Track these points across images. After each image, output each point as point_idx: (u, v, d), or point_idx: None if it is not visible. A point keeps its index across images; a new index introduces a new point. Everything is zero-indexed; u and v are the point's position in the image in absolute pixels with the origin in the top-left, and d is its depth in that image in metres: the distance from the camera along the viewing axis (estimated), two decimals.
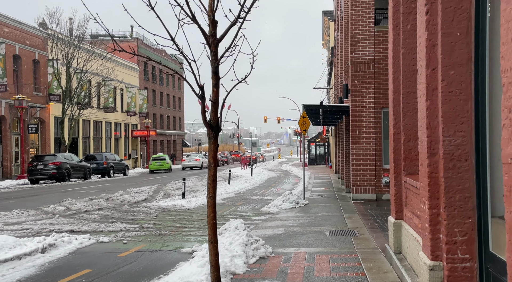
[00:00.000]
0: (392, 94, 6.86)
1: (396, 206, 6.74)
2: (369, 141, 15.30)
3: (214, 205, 5.37)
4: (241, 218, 12.34)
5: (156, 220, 12.03)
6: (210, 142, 5.42)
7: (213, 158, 5.37)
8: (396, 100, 6.77)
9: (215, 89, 5.39)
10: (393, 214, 6.93)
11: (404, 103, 6.50)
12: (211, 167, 5.38)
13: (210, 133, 5.39)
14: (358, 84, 15.29)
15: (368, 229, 9.95)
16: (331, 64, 38.94)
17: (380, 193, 15.36)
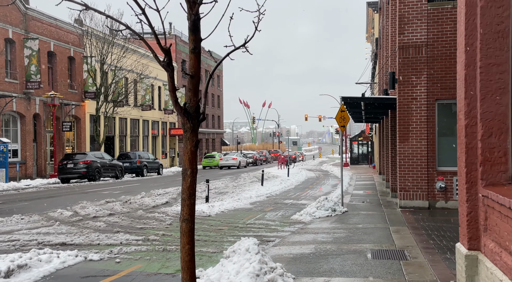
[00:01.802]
0: (463, 69, 4.81)
1: (469, 231, 4.68)
2: (420, 138, 13.07)
3: (191, 233, 3.56)
4: (267, 228, 10.53)
5: (167, 230, 10.36)
6: (185, 136, 3.60)
7: (190, 160, 3.55)
8: (469, 78, 4.72)
9: (193, 55, 3.57)
10: (463, 241, 4.87)
11: (483, 81, 4.46)
12: (187, 174, 3.57)
13: (186, 123, 3.58)
14: (407, 72, 13.08)
15: (422, 250, 7.85)
16: (375, 57, 36.39)
17: (433, 200, 13.09)
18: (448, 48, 12.83)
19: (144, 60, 40.72)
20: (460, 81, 4.93)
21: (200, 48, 3.69)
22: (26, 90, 29.68)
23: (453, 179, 12.93)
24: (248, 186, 22.41)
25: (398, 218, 11.61)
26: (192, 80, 3.56)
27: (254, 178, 27.73)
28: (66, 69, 34.54)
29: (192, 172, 3.51)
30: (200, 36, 3.66)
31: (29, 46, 29.38)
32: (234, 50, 4.07)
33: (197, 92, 3.60)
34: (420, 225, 10.53)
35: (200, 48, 3.70)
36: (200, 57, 3.69)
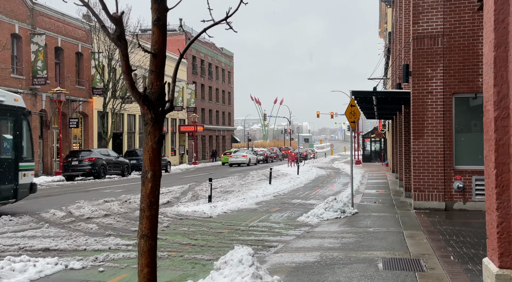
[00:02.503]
0: (492, 51, 4.00)
1: (500, 245, 3.88)
2: (436, 134, 12.20)
3: (151, 253, 2.83)
4: (270, 232, 9.78)
5: (162, 233, 9.67)
6: (146, 130, 2.87)
7: (151, 160, 2.81)
8: (500, 61, 3.91)
9: (156, 28, 2.84)
10: (493, 257, 4.07)
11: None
12: (146, 178, 2.85)
13: (147, 113, 2.85)
14: (421, 64, 12.20)
15: (440, 259, 7.04)
16: (388, 52, 35.36)
17: (451, 201, 12.22)
18: (466, 38, 11.92)
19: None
20: (487, 65, 4.12)
21: (165, 20, 2.95)
22: (33, 86, 29.27)
23: (472, 178, 12.05)
24: (255, 185, 21.68)
25: (413, 221, 10.78)
26: (155, 59, 2.83)
27: (263, 176, 26.98)
28: (73, 65, 34.12)
29: (153, 175, 2.78)
30: (166, 4, 2.93)
31: (36, 41, 28.95)
32: (213, 25, 3.33)
33: (161, 74, 2.87)
34: (437, 228, 9.69)
35: (166, 20, 2.97)
36: (165, 31, 2.95)
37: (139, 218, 2.92)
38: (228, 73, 71.94)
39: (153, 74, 2.84)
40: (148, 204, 2.80)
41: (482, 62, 11.83)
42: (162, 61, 2.86)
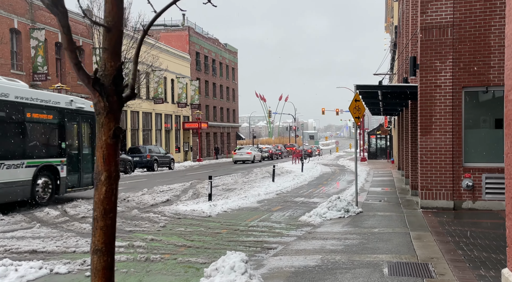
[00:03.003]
0: None
1: None
2: (444, 130, 11.69)
3: (106, 272, 2.37)
4: (270, 232, 9.34)
5: (158, 233, 9.25)
6: (98, 121, 2.41)
7: (105, 159, 2.35)
8: None
9: None
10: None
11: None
12: (100, 180, 2.37)
13: (99, 101, 2.39)
14: (430, 56, 11.69)
15: (450, 263, 6.57)
16: (394, 46, 34.72)
17: (459, 200, 11.72)
18: (477, 28, 11.39)
19: (154, 51, 39.66)
20: (510, 48, 3.64)
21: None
22: (33, 83, 28.90)
23: (482, 176, 11.55)
24: (258, 182, 21.24)
25: (420, 221, 10.30)
26: (109, 34, 2.38)
27: (267, 173, 26.56)
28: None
29: (108, 177, 2.33)
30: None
31: (36, 36, 28.59)
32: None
33: (117, 53, 2.41)
34: (445, 229, 9.21)
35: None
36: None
37: (92, 229, 2.48)
38: (232, 69, 71.43)
39: (106, 53, 2.40)
40: (102, 212, 2.35)
41: (494, 54, 11.33)
42: (118, 36, 2.41)
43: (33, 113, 13.11)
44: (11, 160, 12.01)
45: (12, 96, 12.29)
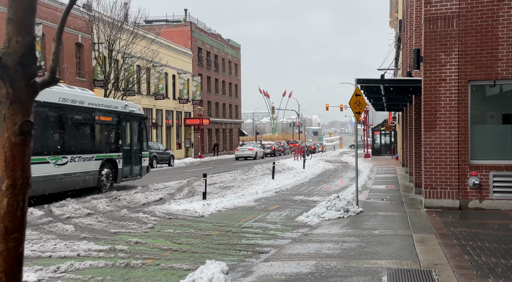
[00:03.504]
0: None
1: None
2: (449, 126, 11.09)
3: None
4: (264, 234, 8.81)
5: (144, 235, 8.74)
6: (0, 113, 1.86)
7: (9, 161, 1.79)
8: None
9: None
10: None
11: None
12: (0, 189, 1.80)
13: (1, 87, 1.83)
14: (434, 48, 11.08)
15: (455, 270, 6.01)
16: (399, 41, 34.03)
17: (465, 199, 11.13)
18: (485, 19, 10.77)
19: (154, 46, 39.14)
20: None
21: None
22: None
23: (489, 174, 10.96)
24: (258, 180, 20.70)
25: (423, 222, 9.73)
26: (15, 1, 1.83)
27: (267, 170, 26.00)
28: (73, 56, 33.27)
29: (12, 186, 1.78)
30: None
31: None
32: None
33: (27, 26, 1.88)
34: (451, 231, 8.64)
35: None
36: None
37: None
38: (235, 65, 70.81)
39: (11, 25, 1.87)
40: (3, 231, 1.80)
41: (502, 46, 10.69)
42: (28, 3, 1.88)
43: (100, 116, 16.17)
44: (86, 154, 15.16)
45: (86, 103, 15.43)
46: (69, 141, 14.55)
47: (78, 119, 15.19)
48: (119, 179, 17.08)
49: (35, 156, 12.93)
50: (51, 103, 13.89)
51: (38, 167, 12.74)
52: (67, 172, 14.16)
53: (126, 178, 17.76)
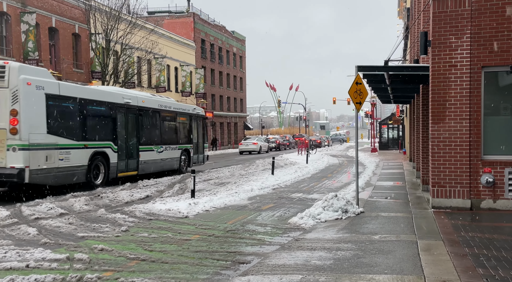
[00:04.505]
0: None
1: None
2: (460, 118, 9.99)
3: None
4: (250, 239, 7.85)
5: (114, 240, 7.76)
6: None
7: None
8: None
9: None
10: None
11: None
12: None
13: None
14: (444, 31, 9.95)
15: None
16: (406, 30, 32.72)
17: (478, 198, 10.04)
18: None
19: (153, 36, 38.10)
20: None
21: None
22: None
23: (505, 171, 9.87)
24: (257, 175, 19.69)
25: (430, 225, 8.67)
26: None
27: (269, 165, 24.91)
28: (70, 47, 32.34)
29: None
30: None
31: (26, 20, 27.20)
32: None
33: None
34: (461, 236, 7.58)
35: None
36: None
37: None
38: (239, 58, 69.67)
39: None
40: None
41: None
42: None
43: (180, 117, 21.56)
44: (172, 145, 20.59)
45: (172, 108, 20.91)
46: (163, 135, 19.88)
47: (168, 119, 20.52)
48: (191, 164, 22.42)
49: (146, 146, 18.38)
50: (153, 109, 19.22)
51: (147, 153, 18.34)
52: (163, 157, 19.71)
53: (194, 164, 22.84)
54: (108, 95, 16.42)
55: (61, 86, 13.83)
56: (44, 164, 12.72)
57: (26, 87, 12.39)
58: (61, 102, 13.73)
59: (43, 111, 12.92)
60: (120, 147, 16.62)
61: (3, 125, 12.12)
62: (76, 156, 14.14)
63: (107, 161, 15.75)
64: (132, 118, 17.65)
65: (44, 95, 13.01)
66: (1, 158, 12.09)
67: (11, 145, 12.04)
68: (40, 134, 12.78)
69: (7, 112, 12.09)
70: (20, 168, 11.98)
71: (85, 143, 14.60)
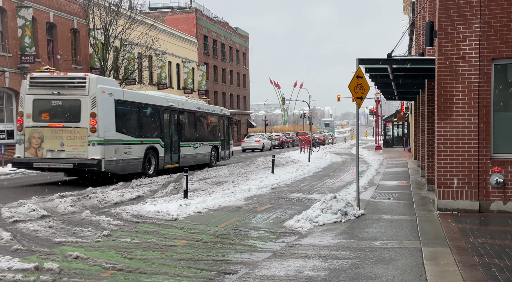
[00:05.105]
0: None
1: None
2: (468, 113, 9.33)
3: None
4: (240, 245, 7.26)
5: (91, 247, 7.18)
6: None
7: None
8: None
9: None
10: None
11: None
12: None
13: None
14: (451, 20, 9.28)
15: None
16: (412, 25, 31.94)
17: (487, 200, 9.39)
18: None
19: (153, 32, 37.47)
20: None
21: None
22: (21, 65, 27.06)
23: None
24: (256, 174, 19.08)
25: (436, 229, 8.03)
26: None
27: (270, 163, 24.31)
28: (69, 42, 31.77)
29: None
30: None
31: (22, 15, 26.64)
32: None
33: None
34: (470, 243, 6.94)
35: None
36: None
37: None
38: (243, 54, 68.96)
39: None
40: None
41: None
42: None
43: (210, 117, 24.29)
44: (204, 142, 23.19)
45: (204, 109, 23.92)
46: (198, 133, 22.57)
47: (201, 119, 23.26)
48: (219, 159, 25.03)
49: (185, 142, 21.04)
50: (190, 110, 21.99)
51: (186, 149, 21.09)
52: (198, 152, 22.32)
53: (222, 158, 25.59)
54: (157, 99, 19.22)
55: (125, 93, 16.76)
56: (114, 156, 15.61)
57: (102, 94, 15.22)
58: (124, 106, 16.55)
59: (113, 113, 15.77)
60: (166, 143, 19.35)
61: (85, 125, 14.97)
62: (136, 150, 17.00)
63: (157, 154, 18.51)
64: (174, 119, 20.48)
65: (113, 100, 15.85)
66: (83, 151, 14.95)
67: (91, 141, 14.93)
68: (111, 132, 15.60)
69: (87, 115, 14.93)
70: (99, 159, 14.89)
71: (141, 139, 17.47)
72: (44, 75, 15.72)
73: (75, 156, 14.94)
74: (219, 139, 25.24)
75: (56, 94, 15.21)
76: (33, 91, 15.49)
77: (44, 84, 15.42)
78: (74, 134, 15.00)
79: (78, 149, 14.96)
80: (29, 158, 15.28)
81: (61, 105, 15.22)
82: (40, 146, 15.22)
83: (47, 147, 15.16)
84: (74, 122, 15.02)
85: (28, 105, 15.45)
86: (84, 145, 14.92)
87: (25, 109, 15.49)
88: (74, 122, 15.02)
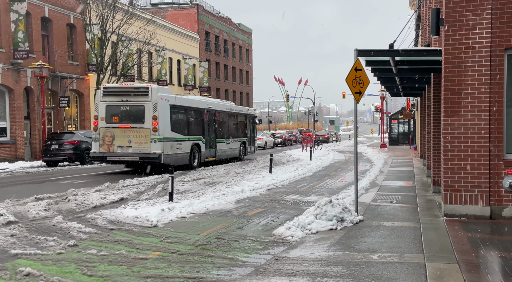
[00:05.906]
0: None
1: None
2: (478, 109, 8.41)
3: None
4: (220, 258, 6.38)
5: (51, 260, 6.35)
6: None
7: None
8: None
9: None
10: None
11: None
12: None
13: None
14: (459, 6, 8.36)
15: None
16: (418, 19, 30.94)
17: (499, 205, 8.47)
18: None
19: (152, 27, 36.61)
20: None
21: None
22: (14, 61, 26.30)
23: None
24: (254, 173, 18.22)
25: (442, 239, 7.14)
26: None
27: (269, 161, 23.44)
28: (65, 38, 30.98)
29: None
30: None
31: (16, 9, 25.87)
32: None
33: None
34: (481, 257, 6.05)
35: None
36: None
37: None
38: (246, 51, 68.00)
39: None
40: None
41: None
42: None
43: (238, 116, 27.05)
44: (235, 138, 25.99)
45: (234, 110, 26.68)
46: (229, 130, 25.43)
47: (232, 119, 26.06)
48: (246, 153, 27.83)
49: (220, 139, 23.93)
50: (223, 111, 24.74)
51: (221, 144, 23.90)
52: (230, 147, 25.23)
53: (248, 153, 28.42)
54: (199, 103, 22.48)
55: (176, 99, 19.99)
56: (170, 151, 18.72)
57: (161, 101, 18.41)
58: (176, 109, 19.65)
59: (168, 116, 18.90)
60: (206, 139, 22.36)
61: (148, 125, 18.10)
62: (184, 146, 20.08)
63: (200, 149, 21.57)
64: (212, 119, 23.35)
65: (169, 105, 18.98)
66: (147, 147, 18.06)
67: (153, 138, 18.04)
68: (167, 131, 18.69)
69: (150, 117, 18.06)
70: (159, 153, 18.00)
71: (188, 137, 20.55)
72: (115, 85, 19.59)
73: (140, 151, 18.05)
74: (247, 136, 27.97)
75: (125, 101, 18.31)
76: (106, 98, 18.57)
77: (115, 93, 18.57)
78: (139, 133, 18.11)
79: (142, 145, 18.07)
80: (103, 152, 18.42)
81: (128, 110, 18.42)
82: (112, 143, 18.32)
83: (117, 143, 18.27)
84: (139, 124, 18.14)
85: (102, 110, 18.55)
86: (147, 142, 18.02)
87: (99, 113, 18.59)
88: (139, 124, 18.14)
